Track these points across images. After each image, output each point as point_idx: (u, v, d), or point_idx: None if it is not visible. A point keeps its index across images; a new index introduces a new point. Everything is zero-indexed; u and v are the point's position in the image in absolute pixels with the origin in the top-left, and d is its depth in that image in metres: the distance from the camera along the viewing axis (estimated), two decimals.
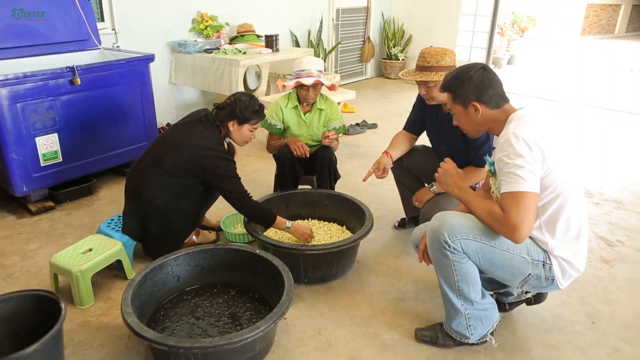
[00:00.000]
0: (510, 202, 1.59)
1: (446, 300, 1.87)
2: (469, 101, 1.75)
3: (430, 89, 2.32)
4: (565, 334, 2.07)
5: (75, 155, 3.10)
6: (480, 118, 1.76)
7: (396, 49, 7.23)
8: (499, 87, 1.74)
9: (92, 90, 3.10)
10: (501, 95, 1.74)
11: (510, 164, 1.59)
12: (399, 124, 5.17)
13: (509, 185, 1.60)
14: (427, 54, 2.30)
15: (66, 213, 3.04)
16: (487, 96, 1.72)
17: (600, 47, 13.32)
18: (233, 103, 2.38)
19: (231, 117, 2.38)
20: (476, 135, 1.86)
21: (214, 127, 2.39)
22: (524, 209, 1.57)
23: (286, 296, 1.81)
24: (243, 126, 2.41)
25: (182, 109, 4.80)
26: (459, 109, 1.80)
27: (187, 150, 2.29)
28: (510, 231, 1.60)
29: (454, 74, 1.80)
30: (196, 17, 4.67)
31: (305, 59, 2.79)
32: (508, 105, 1.76)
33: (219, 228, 2.82)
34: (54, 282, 2.24)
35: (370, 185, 3.52)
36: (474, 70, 1.74)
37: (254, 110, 2.41)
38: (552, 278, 1.75)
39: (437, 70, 2.27)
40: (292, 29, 5.85)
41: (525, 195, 1.57)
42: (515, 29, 9.23)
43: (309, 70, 2.73)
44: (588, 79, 8.35)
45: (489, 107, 1.74)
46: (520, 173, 1.57)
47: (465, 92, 1.74)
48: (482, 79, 1.72)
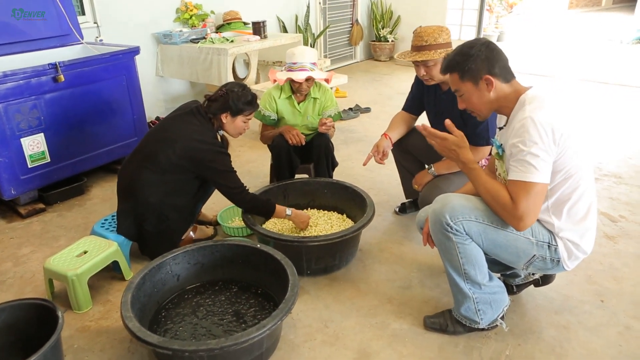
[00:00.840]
0: (521, 191, 1.54)
1: (453, 285, 1.83)
2: (481, 75, 1.63)
3: (429, 69, 2.25)
4: (575, 314, 2.04)
5: (63, 154, 3.01)
6: (492, 94, 1.65)
7: (385, 30, 7.12)
8: (506, 60, 1.66)
9: (77, 86, 2.99)
10: (509, 70, 1.67)
11: (525, 151, 1.52)
12: (393, 106, 5.16)
13: (521, 174, 1.54)
14: (423, 33, 2.23)
15: (58, 214, 2.96)
16: (497, 68, 1.63)
17: (588, 19, 13.25)
18: (225, 94, 2.30)
19: (224, 109, 2.30)
20: (487, 115, 1.76)
21: (206, 120, 2.31)
22: (533, 200, 1.53)
23: (291, 291, 1.75)
24: (237, 118, 2.34)
25: (170, 102, 4.69)
26: (469, 86, 1.67)
27: (180, 144, 2.22)
28: (516, 221, 1.57)
29: (458, 51, 1.69)
30: (180, 7, 4.53)
31: (298, 50, 2.69)
32: (516, 82, 1.68)
33: (216, 222, 2.75)
34: (49, 287, 2.17)
35: (367, 171, 3.47)
36: (478, 44, 1.65)
37: (247, 101, 2.33)
38: (557, 259, 1.71)
39: (435, 49, 2.20)
40: (279, 14, 5.72)
41: (537, 186, 1.53)
42: (504, 5, 9.11)
43: (302, 64, 2.64)
44: (579, 52, 8.29)
45: (500, 80, 1.65)
46: (535, 162, 1.51)
47: (475, 67, 1.63)
48: (490, 50, 1.63)
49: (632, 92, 5.58)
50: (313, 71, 2.65)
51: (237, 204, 2.36)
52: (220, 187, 2.31)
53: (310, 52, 2.69)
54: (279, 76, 2.68)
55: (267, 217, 2.41)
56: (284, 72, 2.69)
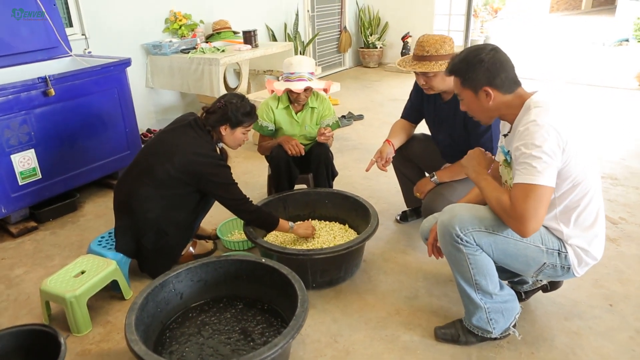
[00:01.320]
0: (521, 193, 1.51)
1: (464, 296, 1.80)
2: (480, 86, 1.63)
3: (429, 79, 2.23)
4: (584, 320, 2.03)
5: (55, 170, 2.92)
6: (491, 104, 1.65)
7: (373, 37, 7.13)
8: (512, 70, 1.64)
9: (68, 100, 2.92)
10: (514, 79, 1.65)
11: (526, 154, 1.50)
12: (385, 113, 5.16)
13: (522, 176, 1.51)
14: (425, 43, 2.21)
15: (50, 232, 2.87)
16: (499, 80, 1.61)
17: (569, 23, 13.49)
18: (224, 106, 2.25)
19: (223, 121, 2.26)
20: (488, 122, 1.77)
21: (204, 132, 2.26)
22: (533, 203, 1.49)
23: (301, 307, 1.71)
24: (236, 129, 2.29)
25: (161, 113, 4.62)
26: (468, 94, 1.68)
27: (179, 158, 2.16)
28: (516, 224, 1.53)
29: (462, 56, 1.67)
30: (169, 17, 4.48)
31: (295, 60, 2.65)
32: (521, 90, 1.67)
33: (215, 236, 2.69)
34: (46, 310, 2.09)
35: (366, 179, 3.44)
36: (484, 52, 1.62)
37: (246, 112, 2.29)
38: (567, 267, 1.69)
39: (436, 60, 2.18)
40: (268, 23, 5.69)
41: (538, 188, 1.48)
42: (489, 9, 9.23)
43: (300, 73, 2.60)
44: (563, 55, 8.41)
45: (501, 92, 1.63)
46: (536, 164, 1.48)
47: (475, 76, 1.62)
48: (494, 62, 1.60)
49: (619, 93, 5.65)
50: (311, 81, 2.61)
51: (240, 215, 2.31)
52: (223, 201, 2.26)
53: (307, 61, 2.66)
54: (277, 86, 2.64)
55: (270, 229, 2.36)
56: (281, 82, 2.65)
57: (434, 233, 1.86)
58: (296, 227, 2.40)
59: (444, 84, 2.25)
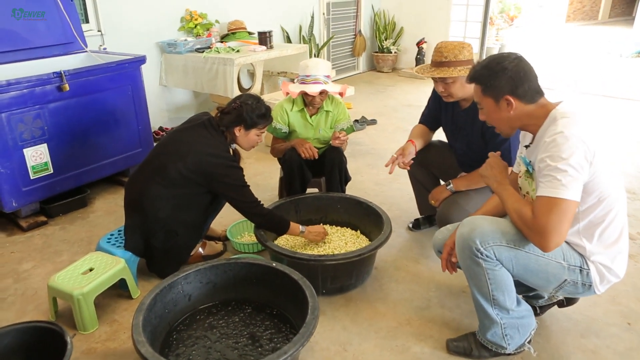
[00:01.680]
0: (544, 207, 1.45)
1: (480, 310, 1.75)
2: (502, 95, 1.58)
3: (448, 86, 2.19)
4: (601, 338, 1.97)
5: (66, 166, 2.92)
6: (512, 114, 1.60)
7: (388, 41, 7.10)
8: (535, 79, 1.59)
9: (82, 96, 2.91)
10: (536, 89, 1.59)
11: (552, 166, 1.45)
12: (399, 119, 5.12)
13: (546, 189, 1.46)
14: (444, 49, 2.16)
15: (60, 228, 2.86)
16: (522, 90, 1.57)
17: (586, 33, 13.34)
18: (239, 107, 2.22)
19: (238, 122, 2.23)
20: (509, 133, 1.71)
21: (218, 133, 2.24)
22: (556, 217, 1.43)
23: (312, 314, 1.67)
24: (250, 131, 2.27)
25: (174, 112, 4.61)
26: (489, 102, 1.63)
27: (192, 158, 2.14)
28: (537, 238, 1.48)
29: (485, 64, 1.62)
30: (185, 16, 4.48)
31: (311, 62, 2.63)
32: (544, 100, 1.61)
33: (225, 238, 2.67)
34: (53, 306, 2.07)
35: (378, 185, 3.40)
36: (508, 60, 1.57)
37: (261, 114, 2.26)
38: (589, 284, 1.63)
39: (455, 66, 2.14)
40: (283, 24, 5.67)
41: (562, 202, 1.43)
42: (505, 17, 9.14)
43: (315, 76, 2.57)
44: (579, 66, 8.31)
45: (523, 102, 1.59)
46: (561, 177, 1.43)
47: (498, 84, 1.58)
48: (517, 70, 1.56)
49: (636, 106, 5.56)
50: (327, 84, 2.58)
51: (252, 219, 2.28)
52: (234, 202, 2.23)
53: (324, 64, 2.63)
54: (292, 89, 2.61)
55: (281, 233, 2.33)
56: (296, 84, 2.62)
57: (448, 248, 1.81)
58: (307, 231, 2.37)
59: (463, 91, 2.21)
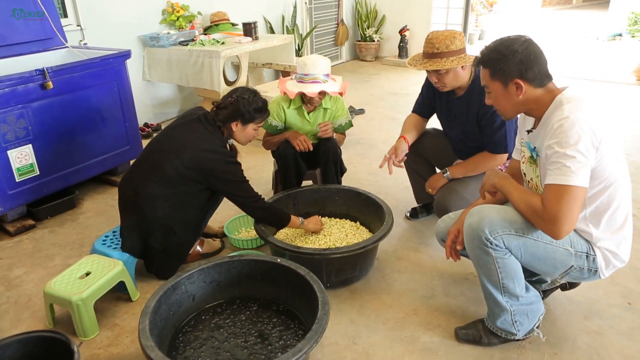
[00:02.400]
0: (554, 195, 1.45)
1: (489, 298, 1.75)
2: (511, 78, 1.56)
3: (442, 77, 2.16)
4: (604, 319, 2.00)
5: (53, 166, 2.82)
6: (521, 98, 1.58)
7: (370, 30, 7.05)
8: (545, 63, 1.57)
9: (66, 93, 2.81)
10: (546, 73, 1.58)
11: (560, 152, 1.44)
12: (386, 107, 5.10)
13: (555, 177, 1.45)
14: (435, 40, 2.13)
15: (49, 231, 2.77)
16: (532, 73, 1.54)
17: (562, 17, 13.51)
18: (236, 102, 2.17)
19: (234, 117, 2.18)
20: (512, 117, 1.70)
21: (215, 128, 2.18)
22: (567, 204, 1.43)
23: (322, 309, 1.64)
24: (248, 126, 2.22)
25: (158, 107, 4.50)
26: (498, 86, 1.61)
27: (188, 155, 2.08)
28: (549, 226, 1.47)
29: (494, 47, 1.60)
30: (166, 8, 4.35)
31: (310, 60, 2.53)
32: (552, 84, 1.60)
33: (222, 234, 2.62)
34: (50, 313, 2.00)
35: (372, 175, 3.38)
36: (518, 43, 1.55)
37: (258, 108, 2.21)
38: (595, 269, 1.64)
39: (447, 56, 2.11)
40: (266, 15, 5.58)
41: (572, 189, 1.42)
42: (484, 3, 9.19)
43: (314, 75, 2.48)
44: (557, 49, 8.40)
45: (532, 86, 1.56)
46: (570, 164, 1.42)
47: (508, 68, 1.55)
48: (527, 53, 1.53)
49: (617, 88, 5.65)
50: (326, 83, 2.51)
51: (253, 213, 2.24)
52: (235, 198, 2.18)
53: (323, 62, 2.55)
54: (290, 88, 2.54)
55: (281, 226, 2.30)
56: (294, 82, 2.56)
57: (452, 235, 1.80)
58: (306, 222, 2.36)
59: (456, 80, 2.19)
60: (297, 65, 2.56)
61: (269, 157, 3.69)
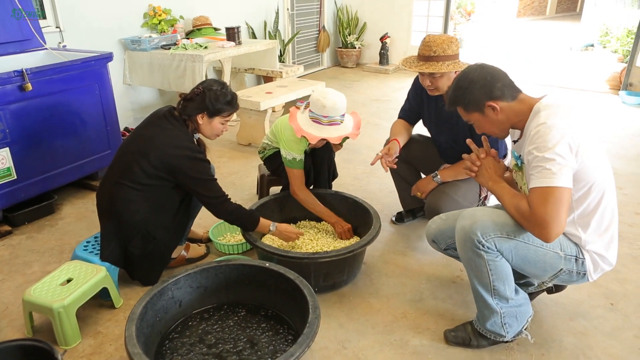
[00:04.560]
0: (539, 198, 1.47)
1: (480, 301, 1.76)
2: (483, 104, 1.62)
3: (436, 80, 2.19)
4: (589, 320, 2.03)
5: (31, 171, 2.73)
6: (501, 116, 1.64)
7: (352, 37, 7.10)
8: (505, 77, 1.63)
9: (46, 96, 2.73)
10: (511, 85, 1.64)
11: (539, 157, 1.47)
12: (369, 113, 5.13)
13: (537, 180, 1.48)
14: (432, 43, 2.15)
15: (27, 237, 2.68)
16: (498, 91, 1.61)
17: (536, 27, 13.87)
18: (202, 93, 2.10)
19: (200, 109, 2.10)
20: (504, 135, 1.74)
21: (180, 123, 2.11)
22: (553, 206, 1.45)
23: (313, 314, 1.63)
24: (214, 119, 2.14)
25: (139, 111, 4.43)
26: (477, 116, 1.68)
27: (154, 153, 2.01)
28: (538, 229, 1.49)
29: (454, 86, 1.68)
30: (148, 11, 4.30)
31: (329, 102, 2.24)
32: (524, 95, 1.65)
33: (207, 239, 2.58)
34: (29, 321, 1.93)
35: (356, 180, 3.39)
36: (472, 71, 1.63)
37: (226, 101, 2.13)
38: (583, 272, 1.67)
39: (443, 60, 2.13)
40: (248, 20, 5.56)
41: (556, 190, 1.45)
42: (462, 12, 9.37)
43: (332, 117, 2.26)
44: (533, 59, 8.61)
45: (505, 101, 1.62)
46: (550, 166, 1.45)
47: (474, 97, 1.62)
48: (484, 76, 1.61)
49: (591, 96, 5.81)
50: (343, 123, 2.33)
51: (218, 214, 2.17)
52: (200, 197, 2.11)
53: (341, 104, 2.29)
54: (308, 130, 2.28)
55: (250, 229, 2.20)
56: (306, 118, 2.32)
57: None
58: (278, 230, 2.25)
59: (449, 84, 2.21)
60: (312, 103, 2.30)
61: (252, 162, 3.68)
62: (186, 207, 2.26)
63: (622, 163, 3.73)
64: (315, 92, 2.32)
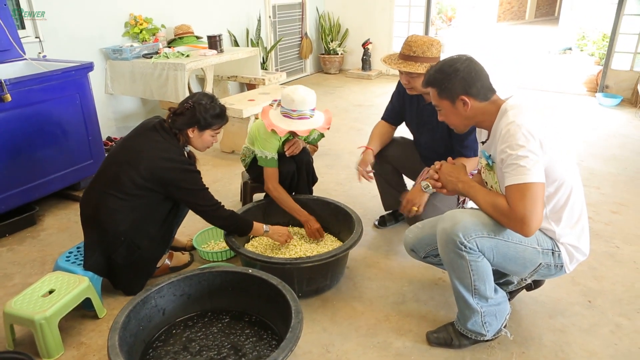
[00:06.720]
0: (516, 194, 1.53)
1: (461, 301, 1.80)
2: (457, 95, 1.66)
3: (413, 79, 2.24)
4: (567, 317, 2.08)
5: (11, 182, 2.71)
6: (469, 112, 1.68)
7: (334, 43, 7.17)
8: (486, 78, 1.68)
9: (26, 106, 2.72)
10: (489, 87, 1.68)
11: (513, 155, 1.53)
12: (352, 119, 5.18)
13: (513, 177, 1.53)
14: (414, 43, 2.20)
15: (8, 249, 2.65)
16: (475, 89, 1.65)
17: (515, 32, 14.12)
18: (192, 108, 2.12)
19: (191, 123, 2.13)
20: (464, 130, 1.79)
21: (170, 136, 2.13)
22: (530, 201, 1.51)
23: (296, 318, 1.65)
24: (204, 132, 2.17)
25: (121, 121, 4.41)
26: (446, 104, 1.71)
27: (145, 165, 2.02)
28: (519, 225, 1.54)
29: (438, 67, 1.70)
30: (129, 21, 4.29)
31: (298, 96, 2.31)
32: (496, 97, 1.70)
33: (191, 247, 2.58)
34: (10, 334, 1.91)
35: (339, 185, 3.42)
36: (459, 62, 1.66)
37: (215, 114, 2.16)
38: (560, 265, 1.73)
39: (422, 61, 2.18)
40: (230, 28, 5.58)
41: (531, 186, 1.51)
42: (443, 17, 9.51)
43: (302, 111, 2.34)
44: (513, 62, 8.77)
45: (477, 100, 1.66)
46: (524, 163, 1.51)
47: (452, 86, 1.65)
48: (469, 71, 1.64)
49: (569, 99, 5.94)
50: (312, 117, 2.39)
51: (213, 222, 2.21)
52: (194, 207, 2.15)
53: (311, 98, 2.36)
54: (277, 123, 2.35)
55: (244, 234, 2.25)
56: (278, 114, 2.39)
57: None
58: (271, 231, 2.33)
59: None
60: (283, 98, 2.38)
61: (236, 170, 3.69)
62: (172, 218, 2.27)
63: (598, 163, 3.82)
64: (286, 88, 2.40)
